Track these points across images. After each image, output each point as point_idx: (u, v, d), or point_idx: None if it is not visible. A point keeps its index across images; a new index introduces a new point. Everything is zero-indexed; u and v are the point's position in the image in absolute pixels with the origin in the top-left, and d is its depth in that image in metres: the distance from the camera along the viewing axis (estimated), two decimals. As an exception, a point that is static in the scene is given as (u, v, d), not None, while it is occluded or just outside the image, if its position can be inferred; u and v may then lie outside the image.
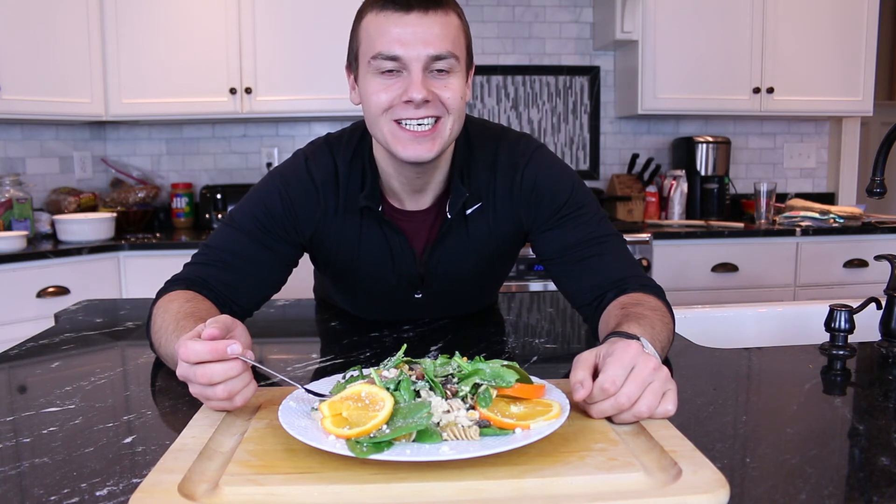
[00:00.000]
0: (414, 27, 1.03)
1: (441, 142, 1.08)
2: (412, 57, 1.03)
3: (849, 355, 1.09)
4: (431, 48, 1.03)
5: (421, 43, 1.03)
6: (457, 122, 1.10)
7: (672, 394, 0.77)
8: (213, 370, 0.78)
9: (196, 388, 0.80)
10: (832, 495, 0.64)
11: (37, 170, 3.12)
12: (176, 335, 0.96)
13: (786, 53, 3.21)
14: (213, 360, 0.78)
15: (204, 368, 0.78)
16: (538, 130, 3.50)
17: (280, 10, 2.96)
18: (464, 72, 1.10)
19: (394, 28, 1.03)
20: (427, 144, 1.07)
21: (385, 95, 1.06)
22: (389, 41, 1.03)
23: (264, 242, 1.17)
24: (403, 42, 1.03)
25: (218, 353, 0.78)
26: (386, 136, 1.09)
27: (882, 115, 4.39)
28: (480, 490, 0.63)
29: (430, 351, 1.16)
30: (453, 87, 1.07)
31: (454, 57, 1.06)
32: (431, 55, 1.04)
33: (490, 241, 1.24)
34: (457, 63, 1.07)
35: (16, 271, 2.46)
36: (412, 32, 1.03)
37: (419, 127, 1.06)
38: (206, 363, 0.78)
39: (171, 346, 0.95)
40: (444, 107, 1.07)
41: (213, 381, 0.78)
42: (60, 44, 2.80)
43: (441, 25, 1.04)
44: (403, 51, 1.03)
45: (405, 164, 1.11)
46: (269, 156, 3.41)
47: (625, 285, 1.12)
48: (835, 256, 3.01)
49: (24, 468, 0.72)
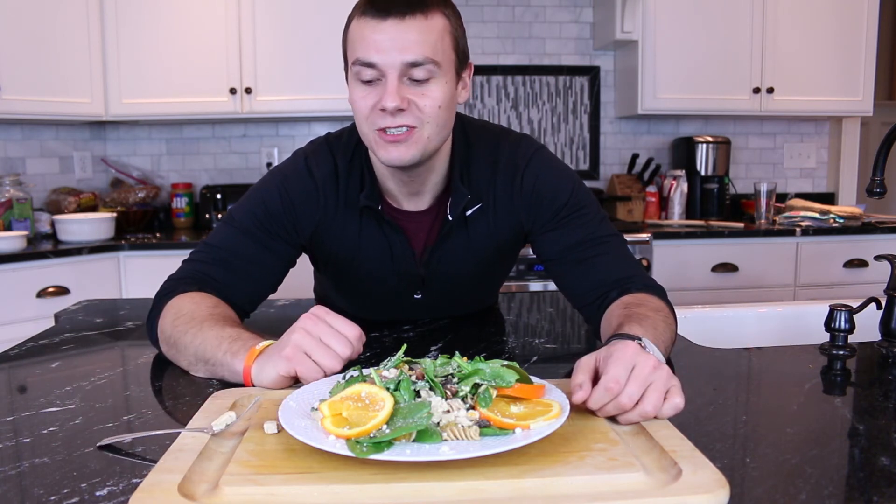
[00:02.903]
0: (389, 33, 1.01)
1: (419, 147, 1.07)
2: (387, 64, 1.02)
3: (849, 355, 1.09)
4: (408, 54, 1.01)
5: (396, 50, 1.01)
6: (436, 130, 1.07)
7: (676, 388, 0.77)
8: (336, 342, 0.90)
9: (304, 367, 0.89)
10: (832, 495, 0.64)
11: (37, 170, 3.12)
12: (215, 332, 1.00)
13: (786, 53, 3.21)
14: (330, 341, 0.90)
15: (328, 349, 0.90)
16: (538, 130, 3.50)
17: (280, 10, 2.96)
18: (449, 76, 1.07)
19: (371, 34, 1.02)
20: (403, 148, 1.06)
21: (363, 103, 1.06)
22: (367, 48, 1.02)
23: (263, 242, 1.17)
24: (379, 49, 1.02)
25: (352, 345, 0.92)
26: (370, 141, 1.09)
27: (882, 115, 4.39)
28: (480, 490, 0.63)
29: (430, 351, 1.16)
30: (432, 94, 1.04)
31: (433, 63, 1.03)
32: (407, 62, 1.02)
33: (490, 242, 1.23)
34: (437, 69, 1.04)
35: (16, 271, 2.47)
36: (388, 39, 1.01)
37: (396, 131, 1.05)
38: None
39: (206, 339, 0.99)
40: (421, 114, 1.05)
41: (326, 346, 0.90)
42: (60, 44, 2.80)
43: (419, 31, 1.02)
44: (379, 58, 1.02)
45: (393, 167, 1.11)
46: (269, 156, 3.41)
47: (627, 285, 1.12)
48: (835, 256, 3.01)
49: (24, 468, 0.72)
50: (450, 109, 1.09)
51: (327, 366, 0.89)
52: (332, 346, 0.90)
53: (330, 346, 0.90)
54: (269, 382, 0.91)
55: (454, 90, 1.10)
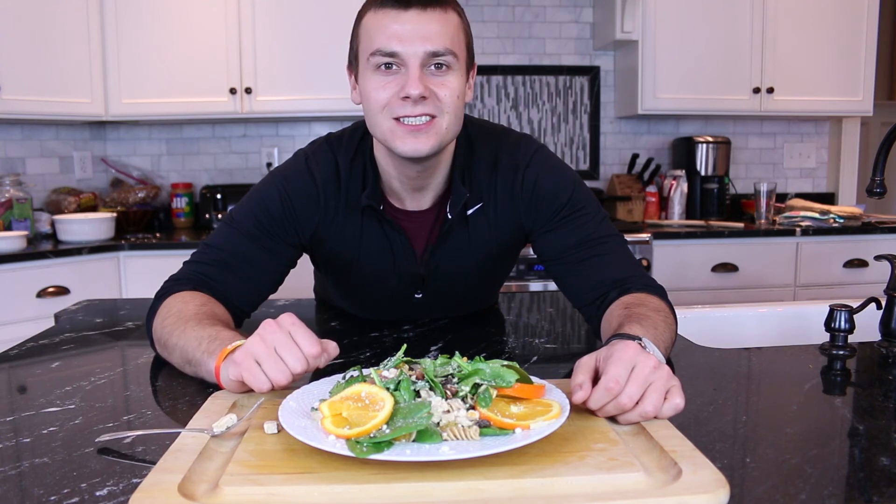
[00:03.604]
0: (412, 23, 1.03)
1: (438, 138, 1.08)
2: (410, 53, 1.03)
3: (849, 355, 1.09)
4: (429, 44, 1.03)
5: (419, 39, 1.03)
6: (453, 121, 1.09)
7: (677, 389, 0.77)
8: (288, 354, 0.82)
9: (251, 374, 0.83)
10: (832, 495, 0.64)
11: (37, 170, 3.12)
12: (196, 332, 0.97)
13: (786, 53, 3.21)
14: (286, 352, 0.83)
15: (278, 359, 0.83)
16: (538, 130, 3.50)
17: (280, 10, 2.96)
18: (463, 70, 1.10)
19: (392, 24, 1.03)
20: (423, 139, 1.07)
21: (383, 92, 1.06)
22: (388, 37, 1.04)
23: (263, 243, 1.17)
24: (401, 38, 1.03)
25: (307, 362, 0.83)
26: (385, 133, 1.09)
27: (882, 115, 4.39)
28: (480, 490, 0.63)
29: (430, 351, 1.16)
30: (451, 84, 1.07)
31: (452, 54, 1.05)
32: (429, 51, 1.04)
33: (490, 241, 1.24)
34: (455, 60, 1.06)
35: (16, 271, 2.46)
36: (410, 29, 1.03)
37: (416, 121, 1.06)
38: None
39: (188, 340, 0.97)
40: (440, 104, 1.07)
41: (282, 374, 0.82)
42: (60, 44, 2.80)
43: (439, 22, 1.04)
44: (401, 47, 1.03)
45: (405, 161, 1.11)
46: (269, 156, 3.41)
47: (627, 285, 1.12)
48: (835, 256, 3.01)
49: (24, 468, 0.72)
50: (463, 102, 1.11)
51: (274, 378, 0.82)
52: (285, 359, 0.83)
53: (282, 358, 0.83)
54: (227, 386, 0.89)
55: (465, 85, 1.12)
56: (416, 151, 1.08)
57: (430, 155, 1.10)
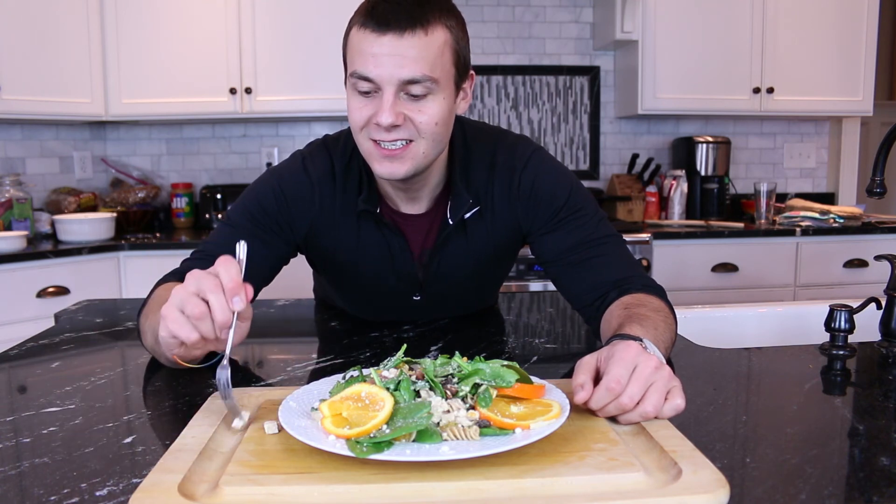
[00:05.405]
0: (388, 48, 1.00)
1: (413, 163, 1.07)
2: (384, 79, 1.01)
3: (849, 355, 1.09)
4: (405, 71, 1.01)
5: (394, 66, 1.00)
6: (431, 145, 1.07)
7: (677, 389, 0.77)
8: (215, 303, 0.77)
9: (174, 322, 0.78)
10: (832, 495, 0.64)
11: (37, 170, 3.12)
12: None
13: (786, 53, 3.21)
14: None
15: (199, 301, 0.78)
16: (538, 130, 3.50)
17: (280, 9, 2.96)
18: (447, 91, 1.06)
19: (369, 48, 1.01)
20: (398, 163, 1.06)
21: (359, 115, 1.05)
22: (364, 61, 1.02)
23: (255, 234, 1.17)
24: (377, 63, 1.01)
25: (231, 292, 0.78)
26: (365, 152, 1.10)
27: (882, 115, 4.39)
28: (480, 490, 0.63)
29: (430, 351, 1.16)
30: (429, 111, 1.04)
31: (431, 80, 1.02)
32: (404, 79, 1.01)
33: (489, 243, 1.23)
34: (435, 86, 1.03)
35: (16, 271, 2.47)
36: (387, 54, 1.00)
37: (391, 146, 1.05)
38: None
39: (156, 319, 0.92)
40: (416, 130, 1.05)
41: (203, 315, 0.77)
42: (60, 44, 2.80)
43: (418, 48, 1.01)
44: (377, 72, 1.01)
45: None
46: (269, 156, 3.41)
47: (627, 285, 1.12)
48: (835, 256, 3.01)
49: (24, 468, 0.72)
50: (447, 125, 1.09)
51: (194, 316, 0.78)
52: (208, 299, 0.78)
53: (206, 301, 0.78)
54: (166, 347, 0.87)
55: (452, 104, 1.09)
56: (393, 174, 1.07)
57: (408, 177, 1.09)
